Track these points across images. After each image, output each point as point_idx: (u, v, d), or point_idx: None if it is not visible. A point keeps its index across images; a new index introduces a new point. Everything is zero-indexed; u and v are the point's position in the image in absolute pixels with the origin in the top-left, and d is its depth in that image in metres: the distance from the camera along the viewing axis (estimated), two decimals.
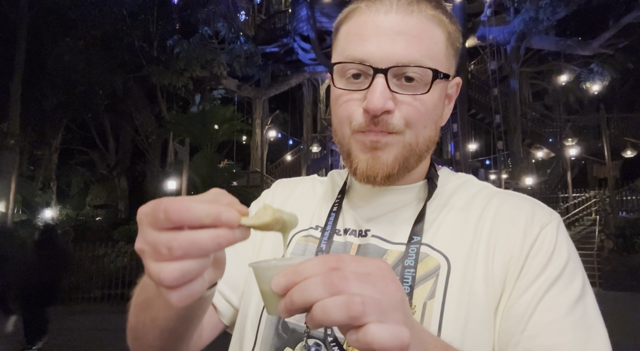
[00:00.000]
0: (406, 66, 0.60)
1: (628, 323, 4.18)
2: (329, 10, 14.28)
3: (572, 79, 16.35)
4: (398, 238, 0.66)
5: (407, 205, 0.70)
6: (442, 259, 0.62)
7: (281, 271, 0.39)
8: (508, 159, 15.33)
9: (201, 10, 14.26)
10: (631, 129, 15.66)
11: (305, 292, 0.37)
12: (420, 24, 0.62)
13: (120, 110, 16.19)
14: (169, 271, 0.38)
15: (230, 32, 14.20)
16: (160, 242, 0.39)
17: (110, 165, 17.40)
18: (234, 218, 0.40)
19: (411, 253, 0.62)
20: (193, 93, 14.70)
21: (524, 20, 12.92)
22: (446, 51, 0.64)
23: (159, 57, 13.97)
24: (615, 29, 13.48)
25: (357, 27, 0.64)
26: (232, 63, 14.45)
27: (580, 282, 0.59)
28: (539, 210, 0.66)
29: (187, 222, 0.39)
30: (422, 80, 0.61)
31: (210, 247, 0.39)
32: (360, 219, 0.71)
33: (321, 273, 0.38)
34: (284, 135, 20.93)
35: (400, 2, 0.62)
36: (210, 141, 13.67)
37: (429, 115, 0.64)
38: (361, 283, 0.38)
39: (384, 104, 0.60)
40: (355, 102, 0.63)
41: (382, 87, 0.60)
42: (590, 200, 13.97)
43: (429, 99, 0.63)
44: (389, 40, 0.60)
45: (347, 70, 0.63)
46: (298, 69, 16.69)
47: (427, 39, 0.62)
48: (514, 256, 0.61)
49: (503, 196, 0.69)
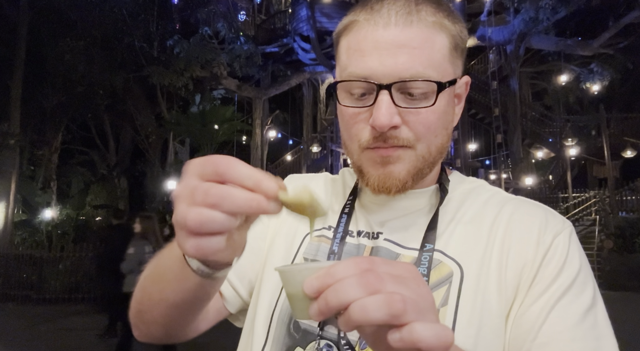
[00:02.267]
0: (409, 81, 0.59)
1: (628, 323, 4.17)
2: (329, 10, 14.27)
3: (572, 79, 16.35)
4: (411, 243, 0.66)
5: (419, 210, 0.69)
6: (455, 266, 0.62)
7: (312, 274, 0.39)
8: (508, 159, 15.33)
9: (201, 10, 14.26)
10: (631, 129, 15.67)
11: (340, 293, 0.37)
12: (421, 33, 0.60)
13: (120, 110, 16.19)
14: (196, 214, 0.41)
15: (230, 32, 14.20)
16: (200, 187, 0.41)
17: (111, 165, 17.39)
18: (273, 189, 0.42)
19: (424, 260, 0.62)
20: (193, 93, 14.70)
21: (524, 20, 12.91)
22: (450, 56, 0.63)
23: (159, 57, 13.97)
24: (615, 29, 13.47)
25: (357, 42, 0.62)
26: (232, 63, 14.45)
27: (591, 291, 0.59)
28: (551, 218, 0.66)
29: (230, 177, 0.41)
30: (426, 93, 0.61)
31: (243, 206, 0.41)
32: (372, 222, 0.70)
33: (354, 275, 0.37)
34: (284, 135, 20.93)
35: (399, 14, 0.61)
36: (210, 141, 13.68)
37: (438, 123, 0.63)
38: (396, 283, 0.38)
39: (390, 120, 0.59)
40: (362, 119, 0.63)
41: (387, 103, 0.59)
42: (590, 200, 13.97)
43: (437, 109, 0.62)
44: (390, 55, 0.59)
45: (351, 88, 0.63)
46: (298, 69, 16.68)
47: (429, 48, 0.60)
48: (527, 264, 0.61)
49: (516, 203, 0.69)
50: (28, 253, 10.33)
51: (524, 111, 16.21)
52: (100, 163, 17.90)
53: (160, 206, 14.14)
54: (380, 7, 0.62)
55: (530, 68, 17.76)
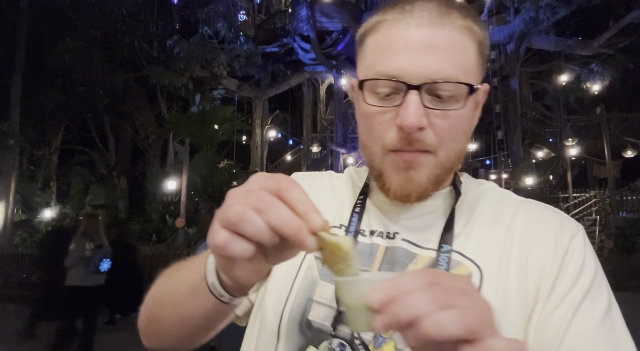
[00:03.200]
0: (440, 82, 0.59)
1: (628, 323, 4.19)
2: (328, 10, 14.27)
3: (572, 78, 16.34)
4: (428, 243, 0.66)
5: (434, 211, 0.69)
6: (473, 267, 0.62)
7: (375, 286, 0.38)
8: (508, 159, 15.33)
9: (201, 10, 14.25)
10: (631, 129, 15.66)
11: (411, 307, 0.36)
12: (452, 36, 0.60)
13: (120, 110, 16.19)
14: (241, 210, 0.42)
15: (230, 32, 14.19)
16: (255, 192, 0.43)
17: (110, 165, 17.40)
18: (319, 223, 0.42)
19: (442, 261, 0.62)
20: (193, 93, 14.70)
21: (524, 20, 12.91)
22: (477, 61, 0.63)
23: (159, 57, 13.96)
24: (615, 29, 13.47)
25: (387, 40, 0.62)
26: (232, 63, 14.44)
27: (607, 293, 0.61)
28: (565, 221, 0.67)
29: (285, 196, 0.42)
30: (455, 96, 0.60)
31: (284, 224, 0.41)
32: (387, 221, 0.70)
33: (422, 288, 0.37)
34: (284, 135, 20.92)
35: (431, 15, 0.60)
36: (210, 141, 13.67)
37: (461, 129, 0.63)
38: (464, 297, 0.37)
39: (419, 121, 0.58)
40: (387, 119, 0.62)
41: (416, 103, 0.58)
42: (590, 200, 13.97)
43: (463, 113, 0.62)
44: (421, 55, 0.59)
45: (378, 86, 0.62)
46: (298, 69, 16.68)
47: (459, 51, 0.60)
48: (547, 267, 0.62)
49: (528, 205, 0.70)
50: (28, 253, 10.33)
51: (524, 111, 16.20)
52: (100, 163, 17.92)
53: (160, 206, 14.14)
54: (412, 8, 0.61)
55: (530, 68, 17.76)
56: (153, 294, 0.64)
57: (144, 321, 0.66)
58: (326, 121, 19.10)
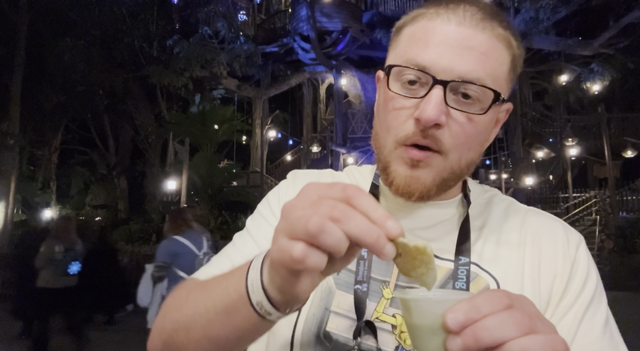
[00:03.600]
0: (468, 83, 0.57)
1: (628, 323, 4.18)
2: (328, 10, 14.27)
3: (572, 78, 16.34)
4: (444, 253, 0.65)
5: (447, 220, 0.69)
6: (490, 280, 0.63)
7: (449, 307, 0.37)
8: (508, 159, 15.33)
9: (201, 10, 14.25)
10: (631, 129, 15.66)
11: (494, 331, 0.35)
12: (490, 42, 0.59)
13: (120, 110, 16.19)
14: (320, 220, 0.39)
15: (230, 32, 14.19)
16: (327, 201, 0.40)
17: (110, 165, 17.39)
18: (397, 229, 0.40)
19: (461, 275, 0.61)
20: (193, 93, 14.70)
21: (524, 20, 12.91)
22: (508, 75, 0.62)
23: (158, 57, 13.96)
24: (615, 29, 13.46)
25: (424, 32, 0.61)
26: (232, 63, 14.44)
27: (605, 301, 0.64)
28: (569, 230, 0.68)
29: (358, 203, 0.40)
30: (480, 100, 0.59)
31: (364, 232, 0.39)
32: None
33: (502, 311, 0.36)
34: (284, 135, 20.92)
35: (474, 16, 0.59)
36: (210, 141, 13.68)
37: (477, 137, 0.62)
38: (542, 322, 0.37)
39: (438, 116, 0.57)
40: (406, 110, 0.60)
41: (439, 98, 0.57)
42: (590, 200, 13.98)
43: (482, 121, 0.60)
44: (455, 53, 0.58)
45: (404, 74, 0.60)
46: (298, 69, 16.68)
47: (494, 58, 0.59)
48: (557, 276, 0.63)
49: (534, 215, 0.70)
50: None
51: (524, 111, 16.20)
52: (99, 163, 17.92)
53: (160, 206, 14.14)
54: (456, 7, 0.61)
55: (530, 68, 17.74)
56: (173, 317, 0.57)
57: (160, 346, 0.59)
58: (326, 121, 19.10)
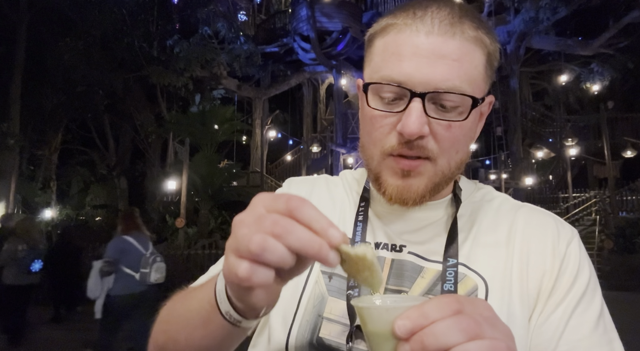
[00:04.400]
0: (445, 92, 0.58)
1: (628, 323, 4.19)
2: (329, 10, 14.27)
3: (572, 79, 16.34)
4: (433, 255, 0.66)
5: (437, 221, 0.69)
6: (479, 280, 0.63)
7: (400, 314, 0.38)
8: (508, 159, 15.33)
9: (201, 10, 14.25)
10: (631, 129, 15.65)
11: (440, 337, 0.35)
12: (462, 47, 0.60)
13: (120, 110, 16.18)
14: (261, 239, 0.40)
15: (230, 32, 14.19)
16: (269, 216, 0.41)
17: (110, 165, 17.39)
18: (338, 237, 0.41)
19: (449, 276, 0.62)
20: (193, 93, 14.69)
21: (524, 20, 12.91)
22: (485, 74, 0.63)
23: (159, 57, 13.96)
24: (615, 29, 13.46)
25: (396, 45, 0.61)
26: (232, 63, 14.44)
27: (599, 297, 0.63)
28: (561, 226, 0.68)
29: (299, 216, 0.41)
30: (459, 107, 0.60)
31: (306, 245, 0.40)
32: (392, 233, 0.70)
33: (448, 316, 0.36)
34: (284, 135, 20.92)
35: (442, 23, 0.60)
36: (210, 141, 13.66)
37: (463, 140, 0.63)
38: (492, 327, 0.37)
39: (420, 129, 0.58)
40: (389, 123, 0.62)
41: (419, 111, 0.58)
42: (590, 200, 13.98)
43: (465, 126, 0.62)
44: (429, 64, 0.59)
45: (383, 91, 0.62)
46: (298, 69, 16.68)
47: (467, 62, 0.60)
48: (545, 274, 0.63)
49: (526, 211, 0.70)
50: None
51: (524, 111, 16.20)
52: (100, 163, 17.92)
53: (160, 206, 14.13)
54: (423, 15, 0.61)
55: (530, 68, 17.75)
56: (163, 328, 0.61)
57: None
58: (326, 121, 19.10)
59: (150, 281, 4.25)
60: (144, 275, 4.23)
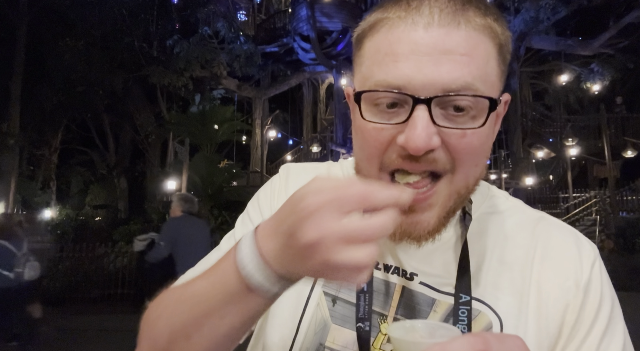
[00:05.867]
0: (455, 95, 0.49)
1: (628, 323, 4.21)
2: (328, 10, 14.27)
3: (572, 79, 16.33)
4: (445, 287, 0.60)
5: (446, 244, 0.62)
6: (493, 316, 0.58)
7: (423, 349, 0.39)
8: (508, 159, 15.32)
9: (201, 10, 14.25)
10: (631, 129, 15.65)
11: None
12: (470, 38, 0.50)
13: (120, 110, 16.19)
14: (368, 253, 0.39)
15: (230, 32, 14.19)
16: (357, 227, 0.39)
17: (110, 165, 17.39)
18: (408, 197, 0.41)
19: (462, 315, 0.56)
20: (193, 93, 14.69)
21: (524, 20, 12.91)
22: (498, 68, 0.53)
23: (158, 57, 13.96)
24: (615, 29, 13.46)
25: (389, 44, 0.51)
26: (232, 63, 14.44)
27: (622, 322, 0.59)
28: (582, 246, 0.62)
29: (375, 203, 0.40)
30: (474, 110, 0.50)
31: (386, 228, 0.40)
32: (400, 256, 0.62)
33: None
34: (284, 135, 20.92)
35: (443, 12, 0.50)
36: (210, 141, 13.66)
37: (481, 150, 0.53)
38: None
39: (428, 143, 0.48)
40: (388, 136, 0.52)
41: (425, 121, 0.48)
42: (590, 200, 13.97)
43: (482, 133, 0.51)
44: (432, 62, 0.49)
45: (377, 98, 0.52)
46: (298, 68, 16.68)
47: (478, 57, 0.50)
48: (569, 305, 0.58)
49: (544, 227, 0.63)
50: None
51: (524, 111, 16.19)
52: (99, 163, 17.92)
53: (160, 206, 14.13)
54: (419, 4, 0.51)
55: (530, 68, 17.75)
56: (163, 330, 0.51)
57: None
58: (326, 121, 19.10)
59: (25, 279, 4.85)
60: (18, 273, 4.83)
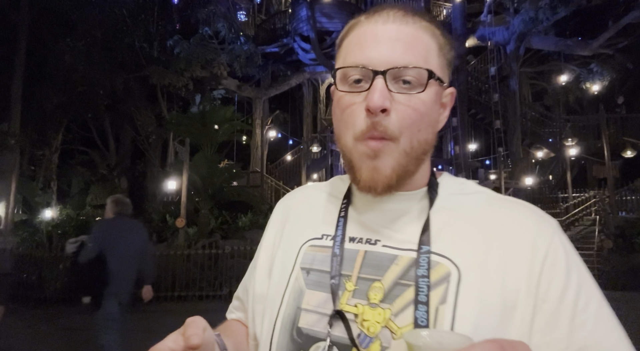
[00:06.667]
0: (403, 67, 0.65)
1: (628, 323, 4.20)
2: (329, 10, 14.28)
3: (572, 79, 16.35)
4: (407, 245, 0.68)
5: (410, 213, 0.71)
6: (452, 266, 0.64)
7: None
8: (508, 159, 15.33)
9: (201, 11, 14.26)
10: (631, 129, 15.66)
11: None
12: (415, 32, 0.68)
13: (121, 110, 16.18)
14: None
15: (230, 32, 14.20)
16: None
17: (111, 165, 17.39)
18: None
19: (422, 262, 0.64)
20: (193, 93, 14.70)
21: (523, 21, 12.92)
22: (438, 60, 0.70)
23: (159, 57, 13.97)
24: (615, 29, 13.46)
25: (358, 37, 0.70)
26: (232, 63, 14.44)
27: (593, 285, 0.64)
28: (541, 219, 0.68)
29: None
30: (417, 81, 0.66)
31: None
32: (366, 228, 0.72)
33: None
34: (284, 135, 20.92)
35: (397, 14, 0.69)
36: (210, 141, 13.65)
37: (424, 117, 0.67)
38: None
39: (383, 102, 0.64)
40: (358, 106, 0.67)
41: (381, 86, 0.64)
42: (590, 200, 13.97)
43: (425, 99, 0.67)
44: (387, 46, 0.66)
45: (349, 76, 0.68)
46: (298, 69, 16.69)
47: (421, 45, 0.68)
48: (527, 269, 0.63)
49: (506, 204, 0.71)
50: (28, 253, 10.33)
51: (524, 111, 16.20)
52: (100, 163, 17.90)
53: (160, 206, 14.14)
54: (380, 10, 0.70)
55: (530, 68, 17.77)
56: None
57: None
58: (326, 121, 19.09)
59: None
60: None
